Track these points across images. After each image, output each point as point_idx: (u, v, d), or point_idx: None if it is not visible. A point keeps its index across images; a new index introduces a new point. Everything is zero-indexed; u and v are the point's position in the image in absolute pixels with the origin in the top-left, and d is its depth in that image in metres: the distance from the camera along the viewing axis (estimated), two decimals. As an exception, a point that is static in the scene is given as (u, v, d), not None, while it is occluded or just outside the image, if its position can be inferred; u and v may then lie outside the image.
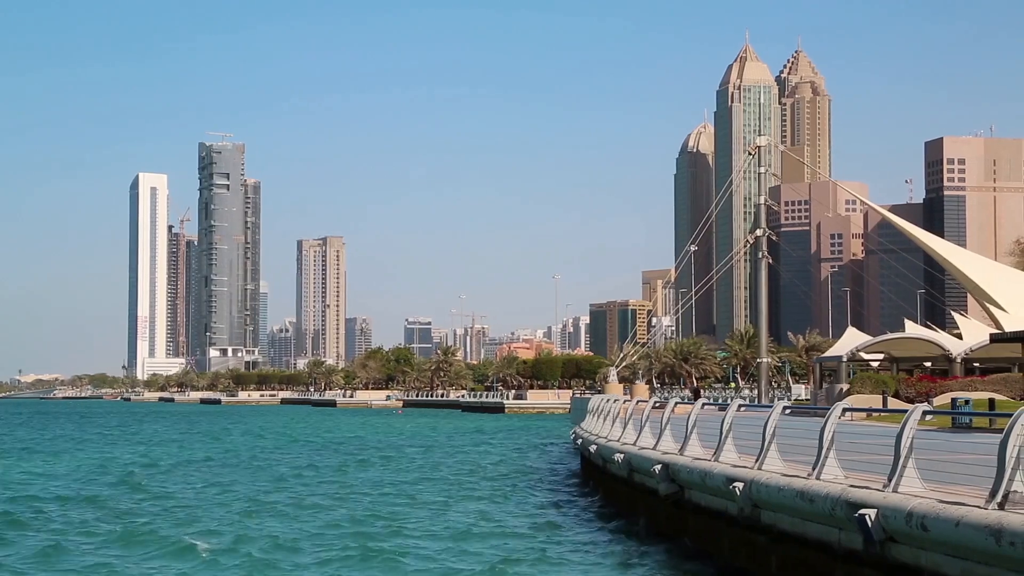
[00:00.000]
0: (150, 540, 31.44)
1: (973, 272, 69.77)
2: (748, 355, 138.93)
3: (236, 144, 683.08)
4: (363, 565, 27.41)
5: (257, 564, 27.30)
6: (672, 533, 27.94)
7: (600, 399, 51.49)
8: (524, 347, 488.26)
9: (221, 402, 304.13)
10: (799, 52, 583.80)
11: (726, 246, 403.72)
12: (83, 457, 71.57)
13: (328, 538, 31.72)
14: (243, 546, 29.98)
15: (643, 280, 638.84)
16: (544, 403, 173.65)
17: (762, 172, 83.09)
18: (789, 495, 19.92)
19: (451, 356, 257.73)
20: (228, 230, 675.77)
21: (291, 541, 30.93)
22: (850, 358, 72.21)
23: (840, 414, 20.65)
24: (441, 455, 71.21)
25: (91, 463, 65.33)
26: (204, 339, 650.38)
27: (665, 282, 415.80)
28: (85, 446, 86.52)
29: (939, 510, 15.60)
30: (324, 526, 34.63)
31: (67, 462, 66.70)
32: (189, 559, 28.35)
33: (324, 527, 34.36)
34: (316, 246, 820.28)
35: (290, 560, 27.96)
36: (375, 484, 50.01)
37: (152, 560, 28.38)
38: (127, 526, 34.42)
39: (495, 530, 33.20)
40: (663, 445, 30.17)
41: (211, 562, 27.86)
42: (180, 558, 28.51)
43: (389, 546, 30.10)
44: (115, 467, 61.63)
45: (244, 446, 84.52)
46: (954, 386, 54.78)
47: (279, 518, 36.70)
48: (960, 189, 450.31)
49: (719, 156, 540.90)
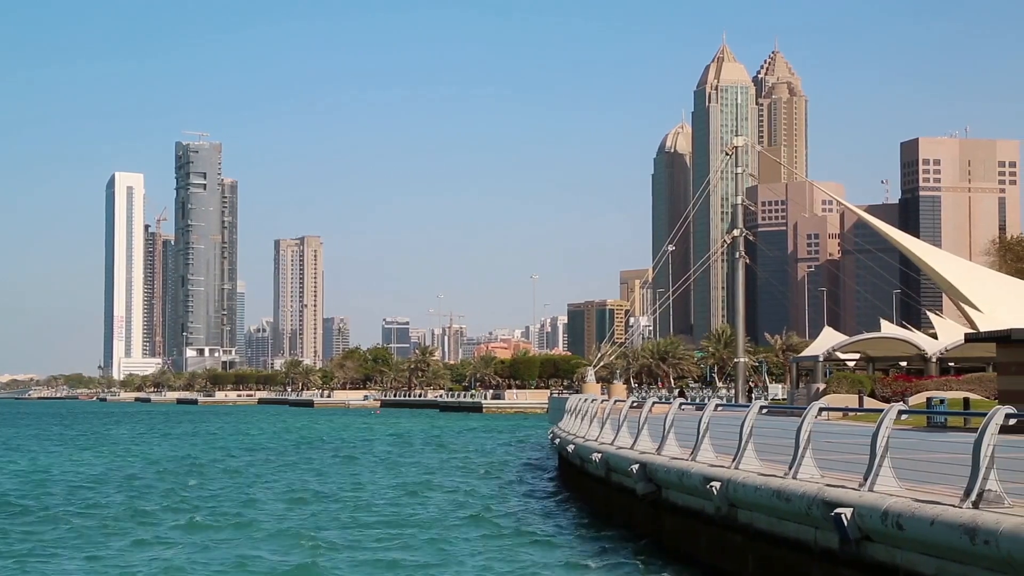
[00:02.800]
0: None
1: (948, 272, 70.15)
2: (725, 355, 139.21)
3: (213, 143, 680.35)
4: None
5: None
6: (649, 533, 28.00)
7: (578, 399, 51.53)
8: (502, 347, 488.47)
9: (198, 402, 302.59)
10: (776, 53, 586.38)
11: (703, 246, 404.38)
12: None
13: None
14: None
15: (621, 280, 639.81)
16: (522, 403, 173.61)
17: (739, 172, 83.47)
18: (766, 494, 19.99)
19: (429, 356, 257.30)
20: (205, 230, 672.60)
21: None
22: (826, 358, 72.53)
23: (816, 413, 20.72)
24: (416, 458, 70.95)
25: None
26: (181, 339, 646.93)
27: (643, 282, 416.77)
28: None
29: (914, 509, 15.68)
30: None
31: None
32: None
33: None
34: (293, 246, 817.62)
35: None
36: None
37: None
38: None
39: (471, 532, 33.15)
40: (641, 445, 30.22)
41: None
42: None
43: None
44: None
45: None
46: (929, 386, 55.13)
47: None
48: (935, 189, 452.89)
49: (697, 156, 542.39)
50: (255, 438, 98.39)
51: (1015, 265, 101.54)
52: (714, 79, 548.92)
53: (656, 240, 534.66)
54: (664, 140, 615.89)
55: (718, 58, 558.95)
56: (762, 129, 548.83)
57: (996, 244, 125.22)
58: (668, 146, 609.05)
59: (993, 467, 15.18)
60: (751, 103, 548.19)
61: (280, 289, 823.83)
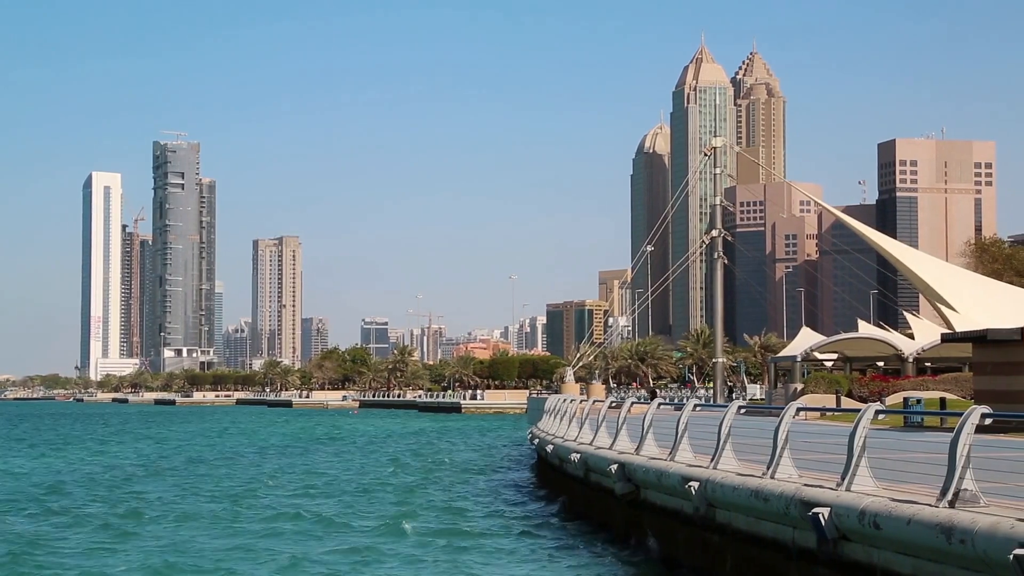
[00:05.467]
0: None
1: (925, 273, 70.55)
2: (704, 355, 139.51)
3: (191, 143, 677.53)
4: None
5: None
6: (628, 533, 28.04)
7: (557, 399, 51.56)
8: (481, 347, 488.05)
9: (176, 403, 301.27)
10: (754, 54, 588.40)
11: (682, 246, 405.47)
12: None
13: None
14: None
15: (599, 280, 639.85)
16: (501, 403, 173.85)
17: (718, 173, 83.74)
18: (744, 494, 20.05)
19: (408, 356, 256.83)
20: (183, 229, 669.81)
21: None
22: (804, 358, 72.79)
23: (794, 414, 20.79)
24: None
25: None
26: (158, 339, 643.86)
27: (621, 282, 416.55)
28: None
29: (891, 508, 15.76)
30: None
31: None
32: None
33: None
34: (272, 246, 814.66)
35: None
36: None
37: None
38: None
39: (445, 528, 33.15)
40: (619, 445, 30.24)
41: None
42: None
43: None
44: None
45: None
46: (906, 385, 55.39)
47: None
48: (912, 190, 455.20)
49: (675, 157, 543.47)
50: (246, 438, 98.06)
51: (991, 266, 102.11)
52: (693, 80, 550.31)
53: (635, 240, 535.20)
54: (643, 141, 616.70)
55: (697, 59, 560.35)
56: (740, 130, 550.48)
57: (971, 245, 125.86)
58: (647, 147, 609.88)
59: (969, 467, 15.26)
60: (729, 104, 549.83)
61: (258, 289, 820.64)
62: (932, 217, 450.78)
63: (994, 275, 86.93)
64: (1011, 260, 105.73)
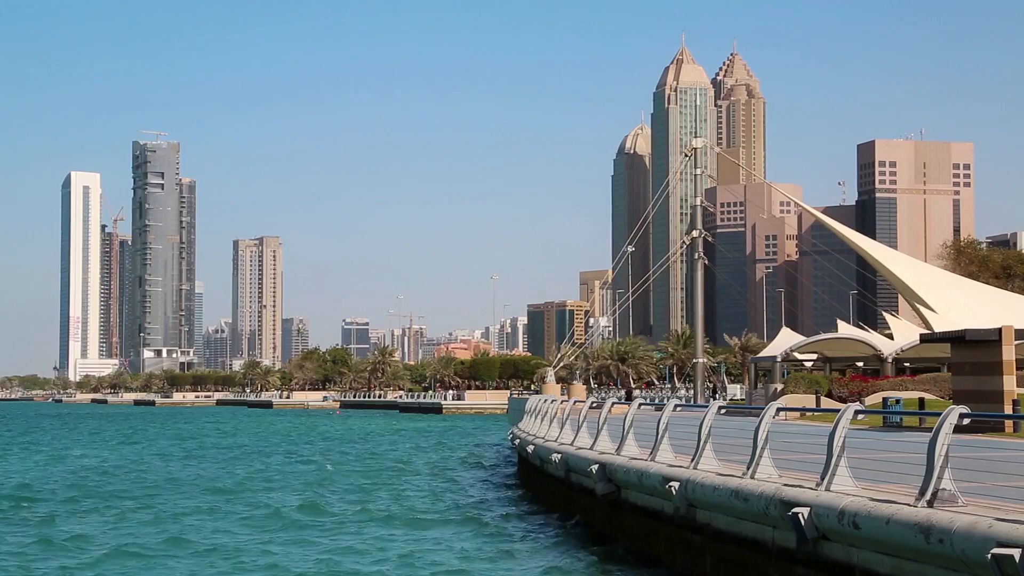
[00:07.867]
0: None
1: (904, 273, 70.83)
2: (684, 355, 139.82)
3: (171, 143, 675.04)
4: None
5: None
6: (609, 533, 28.07)
7: (538, 399, 51.50)
8: (462, 348, 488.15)
9: (155, 403, 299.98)
10: (734, 55, 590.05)
11: (663, 247, 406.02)
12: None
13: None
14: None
15: (581, 281, 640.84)
16: (482, 403, 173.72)
17: (698, 174, 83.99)
18: (724, 494, 20.10)
19: (389, 357, 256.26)
20: (163, 230, 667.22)
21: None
22: (784, 358, 72.89)
23: (774, 414, 20.85)
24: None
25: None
26: (138, 340, 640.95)
27: (602, 283, 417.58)
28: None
29: (870, 508, 15.83)
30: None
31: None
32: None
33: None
34: (252, 246, 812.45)
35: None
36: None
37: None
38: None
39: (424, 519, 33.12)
40: (600, 445, 30.25)
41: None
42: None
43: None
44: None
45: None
46: (885, 386, 55.52)
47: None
48: (891, 191, 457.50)
49: (656, 157, 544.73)
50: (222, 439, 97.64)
51: (968, 267, 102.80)
52: (673, 81, 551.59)
53: (616, 241, 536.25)
54: (624, 141, 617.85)
55: (677, 60, 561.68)
56: (721, 131, 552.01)
57: (948, 247, 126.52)
58: (628, 147, 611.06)
59: (947, 466, 15.33)
60: (710, 105, 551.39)
61: (239, 290, 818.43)
62: (911, 218, 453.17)
63: (971, 276, 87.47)
64: (987, 262, 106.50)
